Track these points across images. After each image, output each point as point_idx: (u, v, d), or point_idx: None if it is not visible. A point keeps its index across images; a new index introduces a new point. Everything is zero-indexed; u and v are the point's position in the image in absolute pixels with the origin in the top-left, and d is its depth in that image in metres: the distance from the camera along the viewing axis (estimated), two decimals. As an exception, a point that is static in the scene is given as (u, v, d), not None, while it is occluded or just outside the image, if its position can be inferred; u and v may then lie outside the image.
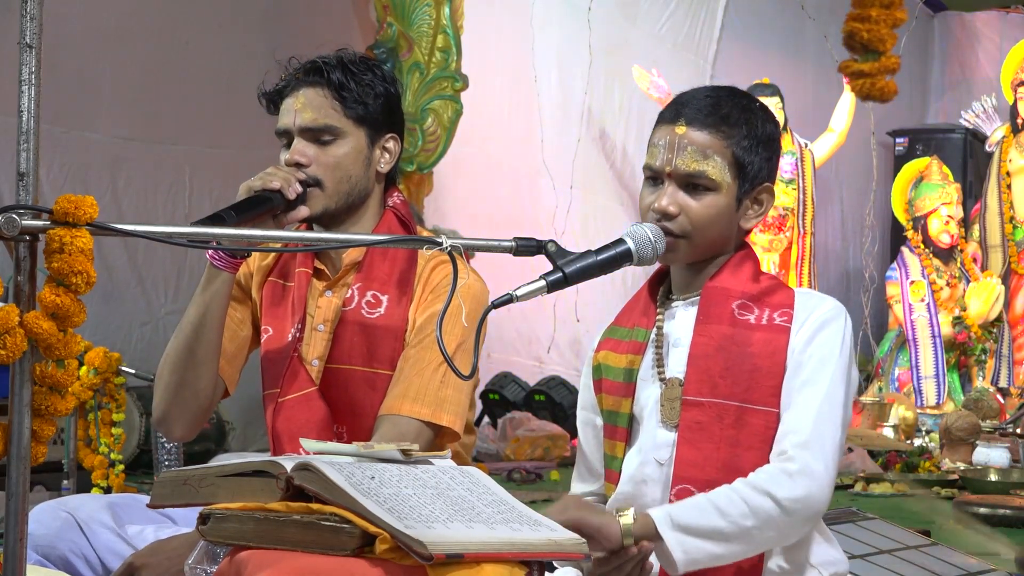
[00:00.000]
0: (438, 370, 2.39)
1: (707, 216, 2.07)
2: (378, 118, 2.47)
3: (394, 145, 2.51)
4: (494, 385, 7.54)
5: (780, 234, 9.16)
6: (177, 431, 2.46)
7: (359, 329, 2.44)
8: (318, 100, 2.43)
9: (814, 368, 2.03)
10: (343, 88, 2.43)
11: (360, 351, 2.44)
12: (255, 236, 2.16)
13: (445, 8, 7.41)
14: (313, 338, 2.47)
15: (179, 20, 6.21)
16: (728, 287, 2.10)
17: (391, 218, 2.51)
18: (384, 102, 2.48)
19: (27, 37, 1.71)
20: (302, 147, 2.42)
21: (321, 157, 2.42)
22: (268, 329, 2.51)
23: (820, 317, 2.06)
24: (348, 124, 2.44)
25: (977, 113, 10.47)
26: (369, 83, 2.46)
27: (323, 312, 2.47)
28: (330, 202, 2.42)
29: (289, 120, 2.45)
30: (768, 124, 2.13)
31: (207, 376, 2.41)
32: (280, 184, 2.31)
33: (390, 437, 2.33)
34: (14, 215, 1.67)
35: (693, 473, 2.02)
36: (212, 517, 1.71)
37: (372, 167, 2.48)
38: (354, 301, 2.45)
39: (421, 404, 2.36)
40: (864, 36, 8.35)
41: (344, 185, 2.43)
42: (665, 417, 2.07)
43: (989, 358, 9.26)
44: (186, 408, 2.42)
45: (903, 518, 4.31)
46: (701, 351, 2.06)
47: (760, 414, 2.02)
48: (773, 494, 1.94)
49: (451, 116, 7.45)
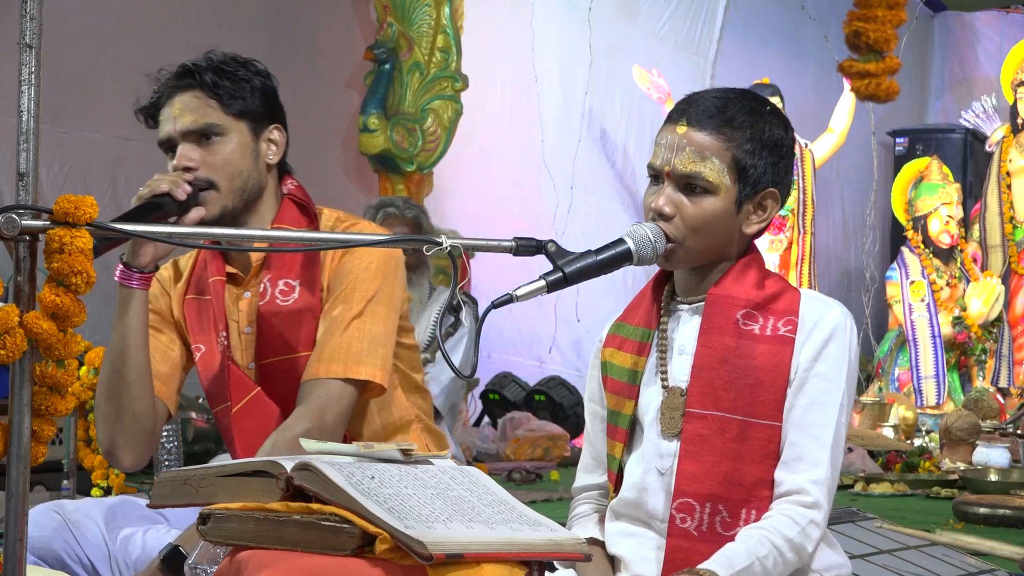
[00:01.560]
0: (349, 327, 2.41)
1: (702, 218, 2.04)
2: (258, 111, 2.48)
3: (279, 135, 2.52)
4: (494, 385, 7.53)
5: (780, 234, 9.16)
6: (127, 459, 2.45)
7: (278, 319, 2.46)
8: (195, 103, 2.44)
9: (823, 389, 2.02)
10: (217, 87, 2.44)
11: (285, 340, 2.46)
12: (254, 236, 2.17)
13: (445, 8, 7.41)
14: (243, 341, 2.49)
15: (179, 20, 6.21)
16: (733, 295, 2.07)
17: (289, 205, 2.52)
18: (261, 94, 2.49)
19: (27, 37, 1.71)
20: (187, 151, 2.42)
21: (208, 158, 2.42)
22: (200, 347, 2.53)
23: (826, 329, 2.04)
24: (229, 120, 2.45)
25: (977, 113, 10.46)
26: (244, 78, 2.47)
27: (245, 314, 2.49)
28: (227, 201, 2.43)
29: (170, 128, 2.45)
30: (776, 128, 2.08)
31: (143, 398, 2.40)
32: (168, 187, 2.31)
33: (313, 402, 2.38)
34: (14, 215, 1.67)
35: (695, 487, 2.01)
36: (212, 517, 1.71)
37: (261, 160, 2.49)
38: (268, 294, 2.47)
39: (334, 362, 2.39)
40: (870, 36, 8.33)
41: (237, 181, 2.44)
42: (665, 427, 2.06)
43: (989, 358, 9.25)
44: (130, 434, 2.42)
45: (903, 518, 4.31)
46: (705, 362, 2.04)
47: (763, 428, 2.01)
48: (805, 549, 1.97)
49: (451, 116, 7.46)
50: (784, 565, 1.95)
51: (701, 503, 2.00)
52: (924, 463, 6.25)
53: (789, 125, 2.13)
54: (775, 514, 1.97)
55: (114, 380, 2.38)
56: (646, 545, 2.06)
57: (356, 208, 5.44)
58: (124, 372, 2.37)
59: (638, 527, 2.09)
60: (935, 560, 3.28)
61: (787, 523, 1.96)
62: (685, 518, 2.00)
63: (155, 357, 2.45)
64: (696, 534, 1.99)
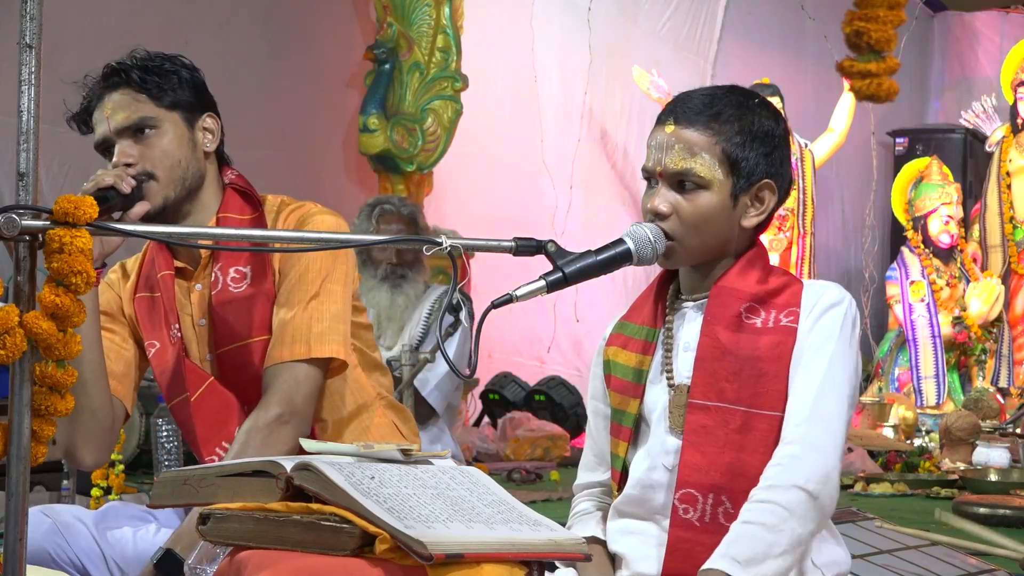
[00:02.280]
0: (307, 308, 2.43)
1: (699, 214, 2.05)
2: (189, 100, 2.50)
3: (213, 123, 2.54)
4: (494, 385, 7.53)
5: (780, 234, 9.16)
6: (87, 458, 2.46)
7: (232, 307, 2.47)
8: (125, 100, 2.46)
9: (813, 352, 2.01)
10: (145, 82, 2.46)
11: (239, 325, 2.47)
12: (254, 236, 2.17)
13: (445, 8, 7.40)
14: (197, 334, 2.51)
15: (179, 20, 6.21)
16: (736, 288, 2.07)
17: (232, 195, 2.54)
18: (191, 85, 2.51)
19: (27, 37, 1.71)
20: (124, 147, 2.45)
21: (145, 151, 2.45)
22: (154, 343, 2.54)
23: (823, 304, 2.04)
24: (161, 112, 2.47)
25: (977, 113, 10.46)
26: (170, 70, 2.50)
27: (197, 307, 2.51)
28: (168, 191, 2.45)
29: (104, 128, 2.47)
30: (766, 120, 2.09)
31: (99, 396, 2.41)
32: (112, 180, 2.33)
33: (280, 387, 2.39)
34: (14, 215, 1.67)
35: (697, 477, 2.01)
36: (212, 517, 1.71)
37: (198, 148, 2.51)
38: (219, 283, 2.49)
39: (297, 344, 2.41)
40: (872, 36, 8.33)
41: (176, 171, 2.46)
42: (673, 424, 2.06)
43: (989, 358, 9.25)
44: (88, 433, 2.42)
45: (903, 518, 4.31)
46: (707, 353, 2.05)
47: (766, 419, 2.01)
48: (796, 483, 1.91)
49: (451, 116, 7.45)
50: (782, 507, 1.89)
51: (704, 494, 1.99)
52: (924, 463, 6.25)
53: (780, 116, 2.13)
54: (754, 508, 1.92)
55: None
56: (648, 542, 2.06)
57: (355, 208, 5.44)
58: (79, 370, 2.37)
59: (642, 524, 2.08)
60: (935, 560, 3.28)
61: (766, 475, 1.94)
62: (688, 509, 2.00)
63: (109, 357, 2.47)
64: (699, 525, 1.99)
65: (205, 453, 2.48)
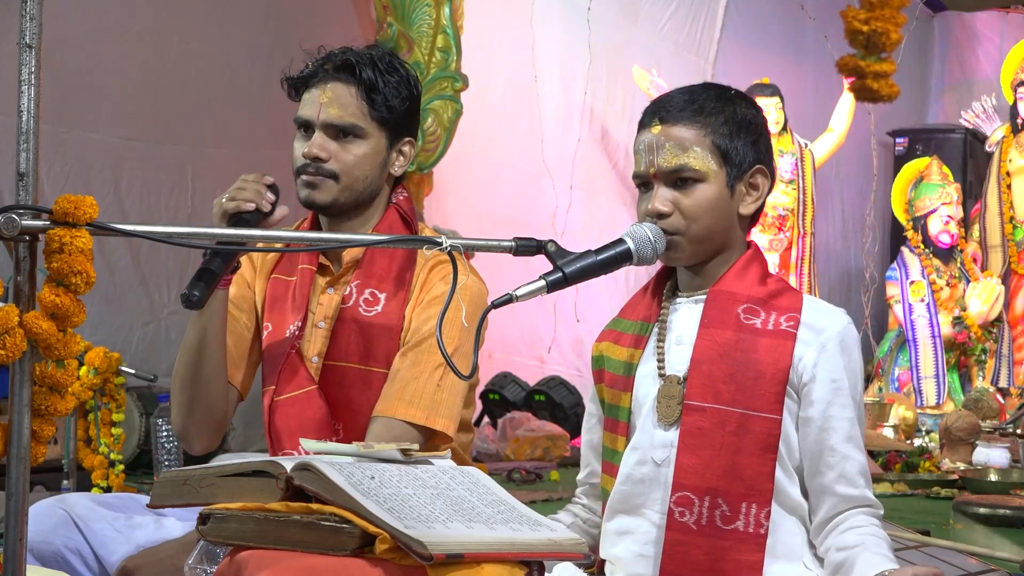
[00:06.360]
0: (434, 373, 2.39)
1: (699, 207, 2.06)
2: (400, 122, 2.49)
3: (409, 149, 2.53)
4: (494, 385, 7.53)
5: (780, 234, 9.16)
6: (197, 445, 2.49)
7: (356, 327, 2.45)
8: (346, 98, 2.44)
9: (843, 404, 2.05)
10: (372, 89, 2.44)
11: (357, 349, 2.44)
12: (256, 236, 2.16)
13: (445, 8, 7.40)
14: (314, 335, 2.48)
15: (179, 20, 6.21)
16: (735, 290, 2.08)
17: (394, 215, 2.52)
18: (408, 106, 2.49)
19: (27, 37, 1.71)
20: (322, 141, 2.43)
21: (341, 154, 2.44)
22: (268, 326, 2.52)
23: (833, 340, 2.07)
24: (372, 126, 2.45)
25: (977, 113, 10.46)
26: (395, 85, 2.47)
27: (324, 309, 2.48)
28: (340, 196, 2.44)
29: (313, 112, 2.45)
30: (747, 109, 2.13)
31: (216, 391, 2.43)
32: (254, 203, 2.31)
33: (383, 439, 2.34)
34: (14, 215, 1.67)
35: (694, 480, 2.01)
36: (212, 517, 1.71)
37: (387, 169, 2.50)
38: (352, 298, 2.46)
39: (416, 407, 2.37)
40: (877, 35, 8.33)
41: (359, 184, 2.45)
42: (661, 415, 2.06)
43: (989, 358, 9.25)
44: (202, 423, 2.45)
45: (903, 518, 4.31)
46: (705, 355, 2.05)
47: (762, 420, 2.01)
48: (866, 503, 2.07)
49: (451, 116, 7.44)
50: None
51: (700, 497, 2.00)
52: (924, 463, 6.26)
53: (758, 105, 2.18)
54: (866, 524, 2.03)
55: (190, 374, 2.40)
56: (641, 542, 2.06)
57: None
58: (200, 367, 2.40)
59: (635, 521, 2.08)
60: (935, 560, 3.28)
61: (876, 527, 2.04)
62: (684, 512, 2.00)
63: (230, 339, 2.46)
64: (695, 528, 2.00)
65: (277, 449, 2.46)
